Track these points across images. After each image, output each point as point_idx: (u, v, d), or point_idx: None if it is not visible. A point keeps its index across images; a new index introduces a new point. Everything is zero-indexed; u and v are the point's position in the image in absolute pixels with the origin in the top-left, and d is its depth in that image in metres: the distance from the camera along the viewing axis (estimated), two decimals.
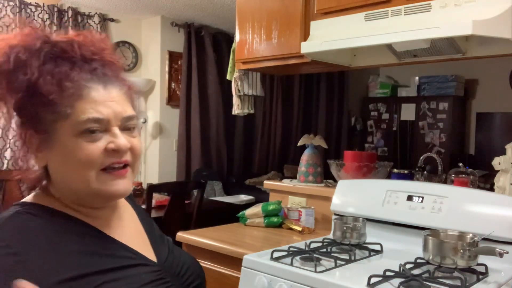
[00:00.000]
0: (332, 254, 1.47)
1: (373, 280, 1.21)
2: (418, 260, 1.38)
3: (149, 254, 0.89)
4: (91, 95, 0.79)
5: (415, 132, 5.20)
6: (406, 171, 2.02)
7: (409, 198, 1.61)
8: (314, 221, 1.99)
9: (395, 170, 2.05)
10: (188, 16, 4.47)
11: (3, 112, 0.81)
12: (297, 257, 1.42)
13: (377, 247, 1.57)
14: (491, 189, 1.78)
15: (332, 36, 1.77)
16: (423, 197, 1.58)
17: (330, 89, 5.59)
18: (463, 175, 1.80)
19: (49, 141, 0.79)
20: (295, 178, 2.29)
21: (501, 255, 1.22)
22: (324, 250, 1.52)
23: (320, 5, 1.93)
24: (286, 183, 2.25)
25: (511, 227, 1.37)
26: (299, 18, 2.01)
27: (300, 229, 1.92)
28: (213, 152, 4.78)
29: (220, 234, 1.87)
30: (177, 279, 0.90)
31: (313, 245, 1.56)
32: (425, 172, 1.94)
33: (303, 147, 2.28)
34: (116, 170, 0.81)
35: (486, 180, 2.96)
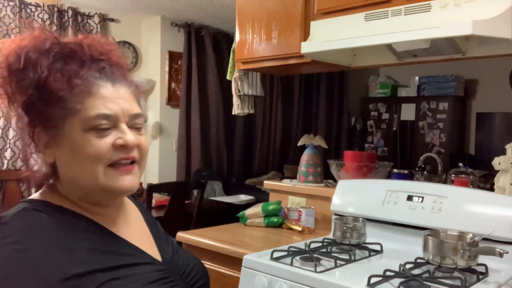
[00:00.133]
0: (332, 254, 1.47)
1: (373, 280, 1.21)
2: (418, 260, 1.38)
3: (154, 253, 0.90)
4: (100, 92, 0.81)
5: (415, 132, 5.19)
6: (406, 171, 2.02)
7: (409, 198, 1.61)
8: (314, 221, 1.99)
9: (395, 170, 2.04)
10: (188, 16, 4.47)
11: (11, 112, 0.82)
12: (297, 257, 1.42)
13: (377, 247, 1.57)
14: (491, 189, 1.78)
15: (332, 36, 1.77)
16: (423, 197, 1.58)
17: (330, 89, 5.59)
18: (463, 175, 1.80)
19: (57, 137, 0.80)
20: (295, 178, 2.29)
21: (501, 255, 1.22)
22: (324, 250, 1.52)
23: (320, 5, 1.93)
24: (286, 183, 2.25)
25: (511, 227, 1.37)
26: (299, 18, 2.01)
27: (300, 229, 1.92)
28: (213, 152, 4.78)
29: (220, 234, 1.87)
30: (182, 279, 0.90)
31: (313, 245, 1.56)
32: (425, 172, 1.94)
33: (303, 147, 2.28)
34: (123, 166, 0.82)
35: (486, 180, 2.96)
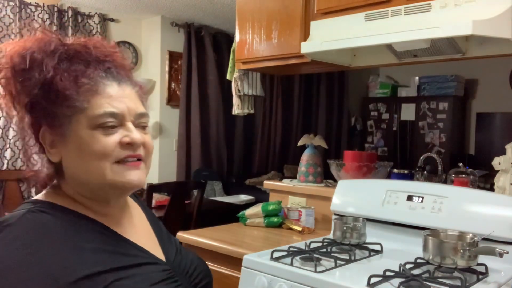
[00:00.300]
0: (332, 254, 1.47)
1: (373, 280, 1.21)
2: (418, 260, 1.38)
3: (158, 253, 0.90)
4: (106, 90, 0.82)
5: (415, 132, 5.19)
6: (406, 171, 2.02)
7: (409, 198, 1.61)
8: (314, 221, 1.99)
9: (395, 170, 2.04)
10: (188, 16, 4.47)
11: (17, 112, 0.83)
12: (297, 257, 1.42)
13: (377, 247, 1.57)
14: (491, 189, 1.78)
15: (332, 36, 1.77)
16: (423, 197, 1.58)
17: (330, 89, 5.59)
18: (463, 175, 1.79)
19: (64, 135, 0.80)
20: (295, 178, 2.29)
21: (501, 255, 1.22)
22: (324, 250, 1.52)
23: (320, 5, 1.93)
24: (286, 183, 2.25)
25: (511, 227, 1.37)
26: (299, 18, 2.01)
27: (300, 229, 1.92)
28: (213, 152, 4.78)
29: (220, 234, 1.87)
30: (186, 278, 0.91)
31: (313, 245, 1.56)
32: (425, 172, 1.94)
33: (303, 147, 2.28)
34: (130, 162, 0.83)
35: (486, 180, 2.96)
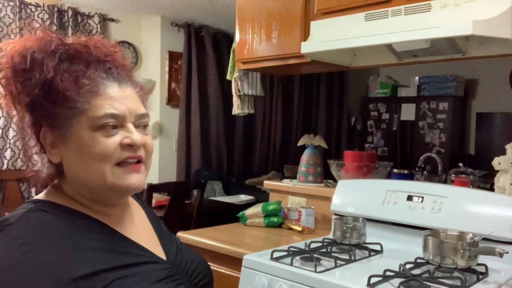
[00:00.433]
0: (332, 254, 1.47)
1: (373, 280, 1.21)
2: (418, 260, 1.38)
3: (159, 252, 0.90)
4: (107, 92, 0.81)
5: (415, 132, 5.19)
6: (406, 171, 2.02)
7: (409, 198, 1.61)
8: (314, 221, 1.99)
9: (395, 170, 2.04)
10: (188, 16, 4.47)
11: (17, 112, 0.82)
12: (297, 257, 1.42)
13: (377, 247, 1.57)
14: (491, 189, 1.78)
15: (332, 36, 1.77)
16: (423, 197, 1.58)
17: (330, 89, 5.59)
18: (463, 175, 1.79)
19: (64, 136, 0.80)
20: (295, 178, 2.29)
21: (501, 255, 1.22)
22: (324, 250, 1.52)
23: (320, 5, 1.93)
24: (286, 183, 2.25)
25: (511, 227, 1.37)
26: (299, 18, 2.01)
27: (300, 229, 1.92)
28: (213, 152, 4.78)
29: (220, 234, 1.87)
30: (186, 277, 0.91)
31: (313, 245, 1.56)
32: (425, 172, 1.94)
33: (303, 147, 2.28)
34: (130, 165, 0.82)
35: (486, 180, 2.96)
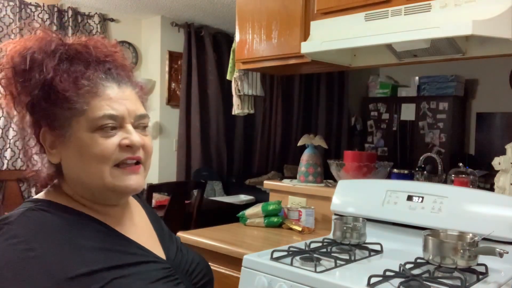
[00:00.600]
0: (332, 254, 1.47)
1: (373, 280, 1.21)
2: (418, 260, 1.38)
3: (159, 251, 0.91)
4: (106, 92, 0.81)
5: (415, 132, 5.19)
6: (406, 171, 2.02)
7: (409, 198, 1.61)
8: (314, 221, 1.99)
9: (395, 170, 2.04)
10: (188, 16, 4.47)
11: (17, 112, 0.83)
12: (297, 257, 1.42)
13: (377, 247, 1.57)
14: (491, 189, 1.78)
15: (332, 36, 1.77)
16: (423, 197, 1.58)
17: (330, 89, 5.59)
18: (463, 175, 1.79)
19: (63, 137, 0.80)
20: (295, 178, 2.29)
21: (501, 255, 1.22)
22: (324, 250, 1.52)
23: (320, 5, 1.93)
24: (286, 183, 2.25)
25: (511, 227, 1.37)
26: (299, 18, 2.01)
27: (300, 229, 1.92)
28: (213, 152, 4.78)
29: (220, 234, 1.87)
30: (186, 276, 0.91)
31: (313, 245, 1.56)
32: (425, 172, 1.94)
33: (303, 147, 2.28)
34: (129, 166, 0.82)
35: (486, 180, 2.96)
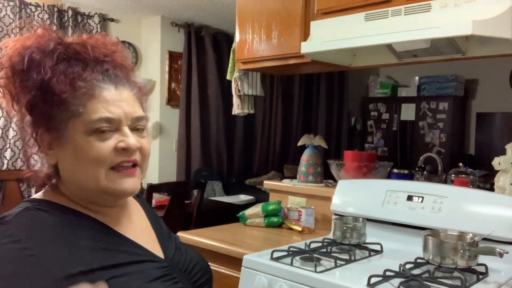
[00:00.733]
0: (332, 254, 1.47)
1: (373, 280, 1.21)
2: (418, 260, 1.38)
3: (157, 250, 0.90)
4: (103, 94, 0.81)
5: (415, 132, 5.19)
6: (406, 171, 2.02)
7: (409, 198, 1.61)
8: (314, 221, 1.99)
9: (395, 170, 2.04)
10: (188, 16, 4.47)
11: (16, 111, 0.82)
12: (297, 257, 1.42)
13: (377, 247, 1.57)
14: (491, 189, 1.78)
15: (332, 36, 1.77)
16: (423, 197, 1.58)
17: (330, 89, 5.59)
18: (463, 175, 1.79)
19: (60, 139, 0.80)
20: (295, 178, 2.29)
21: (501, 255, 1.22)
22: (324, 250, 1.52)
23: (320, 5, 1.93)
24: (286, 183, 2.25)
25: (511, 227, 1.37)
26: (299, 18, 2.01)
27: (300, 229, 1.92)
28: (213, 152, 4.78)
29: (220, 234, 1.87)
30: (184, 275, 0.91)
31: (313, 245, 1.56)
32: (425, 172, 1.94)
33: (303, 147, 2.28)
34: (125, 169, 0.82)
35: (486, 180, 2.96)
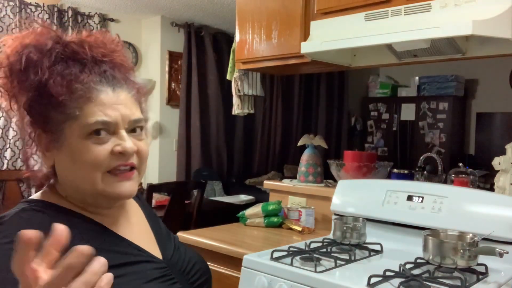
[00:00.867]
0: (332, 254, 1.47)
1: (373, 280, 1.21)
2: (418, 260, 1.38)
3: (155, 251, 0.90)
4: (99, 97, 0.79)
5: (415, 132, 5.19)
6: (406, 171, 2.02)
7: (409, 198, 1.61)
8: (314, 221, 1.99)
9: (395, 170, 2.04)
10: (188, 16, 4.47)
11: (15, 111, 0.82)
12: (297, 257, 1.42)
13: (377, 247, 1.57)
14: (491, 189, 1.78)
15: (332, 36, 1.77)
16: (423, 197, 1.58)
17: (330, 89, 5.60)
18: (463, 175, 1.79)
19: (57, 141, 0.80)
20: (295, 178, 2.29)
21: (501, 255, 1.22)
22: (324, 250, 1.52)
23: (320, 5, 1.93)
24: (286, 183, 2.25)
25: (511, 227, 1.37)
26: (299, 18, 2.01)
27: (300, 229, 1.92)
28: (213, 152, 4.78)
29: (220, 234, 1.87)
30: (183, 276, 0.91)
31: (313, 245, 1.56)
32: (425, 172, 1.94)
33: (303, 147, 2.28)
34: (122, 172, 0.81)
35: (486, 180, 2.97)
